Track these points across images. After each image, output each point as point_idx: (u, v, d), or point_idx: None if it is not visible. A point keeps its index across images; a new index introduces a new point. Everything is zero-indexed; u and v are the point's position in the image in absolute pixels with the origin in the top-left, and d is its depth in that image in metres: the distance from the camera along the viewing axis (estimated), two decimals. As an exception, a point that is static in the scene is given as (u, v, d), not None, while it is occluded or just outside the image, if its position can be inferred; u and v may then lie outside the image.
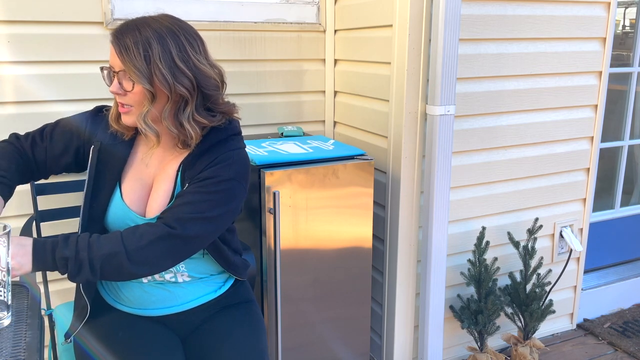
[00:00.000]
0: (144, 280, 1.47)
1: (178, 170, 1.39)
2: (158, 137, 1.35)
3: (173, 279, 1.48)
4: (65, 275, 1.22)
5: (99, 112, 1.47)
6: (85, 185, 1.41)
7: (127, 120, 1.35)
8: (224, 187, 1.34)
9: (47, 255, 1.19)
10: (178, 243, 1.29)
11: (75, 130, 1.45)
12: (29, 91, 1.93)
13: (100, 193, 1.41)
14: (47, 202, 1.92)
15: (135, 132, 1.44)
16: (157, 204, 1.40)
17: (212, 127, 1.37)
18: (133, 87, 1.28)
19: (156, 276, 1.46)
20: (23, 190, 1.94)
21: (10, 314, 1.14)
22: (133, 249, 1.24)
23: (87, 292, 1.45)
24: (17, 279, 1.26)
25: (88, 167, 1.41)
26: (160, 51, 1.27)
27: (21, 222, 1.87)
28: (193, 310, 1.51)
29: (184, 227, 1.28)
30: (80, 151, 1.44)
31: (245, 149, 1.44)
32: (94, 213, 1.42)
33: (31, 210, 1.92)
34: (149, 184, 1.43)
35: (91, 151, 1.41)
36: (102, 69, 1.36)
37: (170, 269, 1.45)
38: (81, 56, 1.98)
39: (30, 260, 1.17)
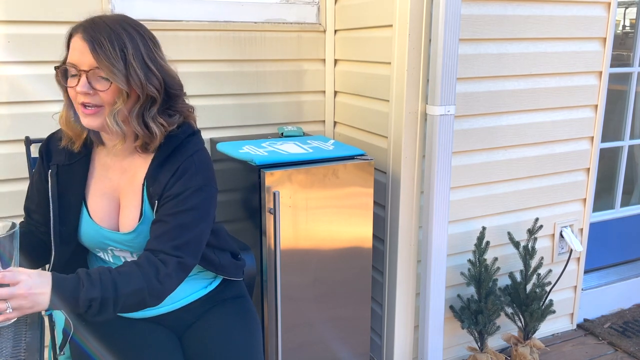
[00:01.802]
0: None
1: (143, 185, 1.36)
2: (124, 136, 1.32)
3: None
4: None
5: (48, 142, 1.44)
6: (51, 210, 1.37)
7: (92, 122, 1.27)
8: (202, 198, 1.33)
9: (66, 294, 1.12)
10: (189, 267, 1.30)
11: (39, 172, 1.42)
12: (29, 91, 1.93)
13: (67, 215, 1.38)
14: (47, 202, 1.92)
15: (88, 144, 1.39)
16: (129, 219, 1.37)
17: (168, 134, 1.34)
18: (110, 86, 1.23)
19: None
20: (23, 190, 1.94)
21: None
22: (154, 286, 1.23)
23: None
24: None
25: (50, 192, 1.37)
26: (133, 50, 1.25)
27: (21, 222, 1.87)
28: (185, 308, 1.50)
29: (188, 252, 1.29)
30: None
31: (204, 146, 1.41)
32: (65, 235, 1.39)
33: (31, 210, 1.92)
34: (116, 198, 1.39)
35: (49, 176, 1.37)
36: (57, 68, 1.28)
37: None
38: (81, 56, 1.98)
39: (48, 298, 1.10)
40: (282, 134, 2.31)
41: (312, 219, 1.97)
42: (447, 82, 1.99)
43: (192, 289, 1.52)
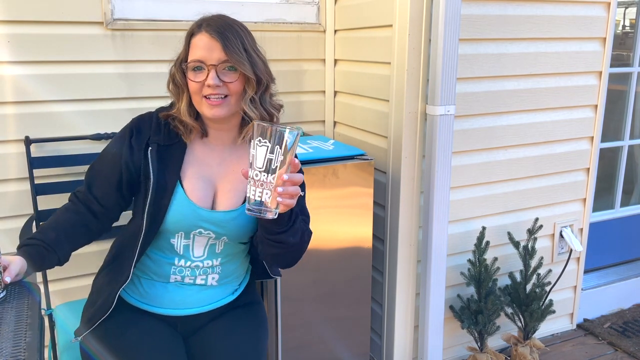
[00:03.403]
0: (172, 280, 1.47)
1: None
2: (238, 126, 1.45)
3: (203, 281, 1.49)
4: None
5: (138, 122, 1.46)
6: (150, 187, 1.39)
7: (219, 112, 1.37)
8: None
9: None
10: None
11: (120, 149, 1.43)
12: (29, 91, 1.93)
13: (164, 193, 1.40)
14: (47, 202, 1.92)
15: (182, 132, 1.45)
16: (229, 201, 1.44)
17: None
18: (237, 77, 1.35)
19: (186, 279, 1.47)
20: (23, 190, 1.94)
21: None
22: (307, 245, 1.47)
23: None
24: (17, 279, 1.26)
25: (150, 169, 1.39)
26: (248, 43, 1.38)
27: (21, 222, 1.87)
28: (207, 313, 1.52)
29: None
30: (130, 170, 1.42)
31: None
32: (156, 214, 1.40)
33: (31, 210, 1.92)
34: (213, 182, 1.45)
35: (149, 153, 1.40)
36: (183, 65, 1.38)
37: (206, 270, 1.48)
38: (81, 56, 1.98)
39: None
40: (282, 134, 2.30)
41: (312, 219, 1.96)
42: (447, 82, 1.99)
43: (222, 294, 1.54)
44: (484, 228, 2.31)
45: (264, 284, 1.99)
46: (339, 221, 2.02)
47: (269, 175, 1.16)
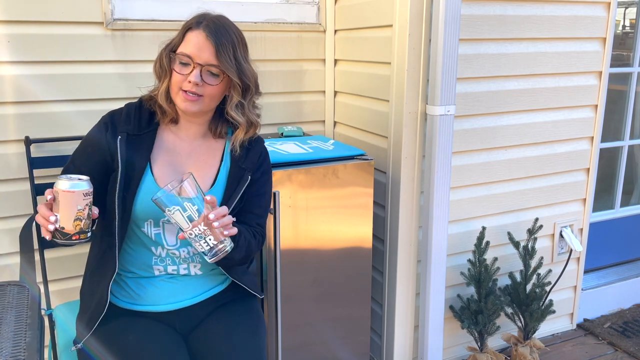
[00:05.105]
0: (156, 272, 1.49)
1: (221, 159, 1.53)
2: (207, 123, 1.52)
3: (186, 271, 1.51)
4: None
5: (111, 116, 1.50)
6: (118, 177, 1.41)
7: (190, 107, 1.42)
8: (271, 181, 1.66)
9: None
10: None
11: (98, 140, 1.46)
12: (29, 91, 1.93)
13: (132, 180, 1.43)
14: (47, 202, 1.91)
15: (155, 122, 1.51)
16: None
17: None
18: (219, 82, 1.41)
19: (169, 269, 1.49)
20: (23, 190, 1.94)
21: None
22: (256, 250, 1.53)
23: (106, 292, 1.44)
24: (17, 278, 1.26)
25: (118, 158, 1.42)
26: (240, 52, 1.43)
27: (21, 222, 1.87)
28: (199, 304, 1.53)
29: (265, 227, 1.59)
30: (108, 162, 1.45)
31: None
32: (126, 199, 1.43)
33: (31, 210, 1.92)
34: (180, 171, 1.49)
35: (118, 142, 1.44)
36: (173, 53, 1.41)
37: (185, 259, 1.50)
38: (81, 56, 1.98)
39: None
40: (282, 134, 2.31)
41: (312, 219, 1.97)
42: (447, 82, 1.99)
43: (213, 283, 1.56)
44: (484, 228, 2.31)
45: (264, 284, 1.99)
46: (339, 221, 2.02)
47: (200, 226, 1.24)
